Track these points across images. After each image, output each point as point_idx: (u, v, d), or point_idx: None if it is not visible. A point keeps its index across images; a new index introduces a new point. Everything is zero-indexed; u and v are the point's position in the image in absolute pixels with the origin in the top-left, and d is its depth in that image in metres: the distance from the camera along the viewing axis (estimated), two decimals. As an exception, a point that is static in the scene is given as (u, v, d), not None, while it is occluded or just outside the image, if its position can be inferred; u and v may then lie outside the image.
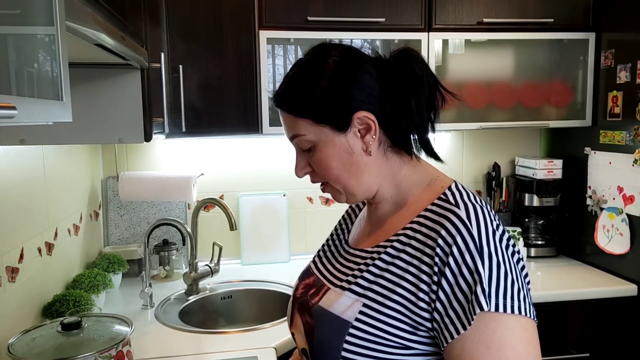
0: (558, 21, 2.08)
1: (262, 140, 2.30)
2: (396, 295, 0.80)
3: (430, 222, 0.82)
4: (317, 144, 0.88)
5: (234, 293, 2.02)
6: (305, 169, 0.92)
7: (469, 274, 0.75)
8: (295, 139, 0.90)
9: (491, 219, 0.81)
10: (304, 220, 2.38)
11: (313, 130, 0.87)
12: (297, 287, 1.02)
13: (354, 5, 1.95)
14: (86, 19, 0.81)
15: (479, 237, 0.77)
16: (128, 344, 1.19)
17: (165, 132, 1.69)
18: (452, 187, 0.87)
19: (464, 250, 0.76)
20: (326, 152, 0.88)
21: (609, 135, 2.06)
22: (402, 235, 0.85)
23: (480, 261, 0.75)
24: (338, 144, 0.88)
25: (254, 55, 1.93)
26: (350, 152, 0.88)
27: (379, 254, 0.86)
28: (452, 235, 0.78)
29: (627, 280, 1.98)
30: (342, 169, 0.89)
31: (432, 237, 0.80)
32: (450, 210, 0.81)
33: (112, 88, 1.33)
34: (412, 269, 0.80)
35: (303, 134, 0.88)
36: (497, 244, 0.78)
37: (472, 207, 0.81)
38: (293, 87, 0.89)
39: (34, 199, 1.50)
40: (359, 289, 0.85)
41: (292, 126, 0.89)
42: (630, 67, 1.94)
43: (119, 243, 2.22)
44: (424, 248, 0.80)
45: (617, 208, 2.01)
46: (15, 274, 1.34)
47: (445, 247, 0.78)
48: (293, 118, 0.88)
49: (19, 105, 0.53)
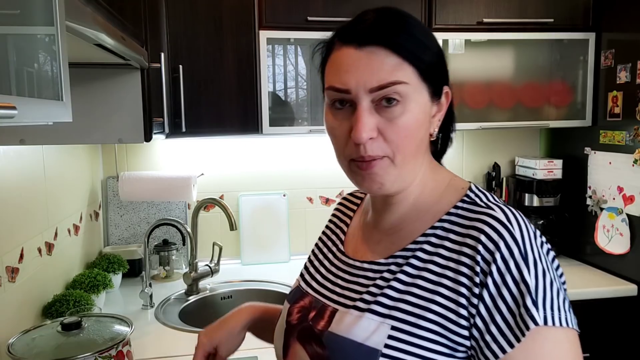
0: (558, 21, 2.08)
1: (262, 140, 2.30)
2: (430, 313, 0.69)
3: (459, 228, 0.73)
4: (410, 102, 0.71)
5: (234, 293, 2.02)
6: (373, 132, 0.71)
7: (514, 284, 0.66)
8: (388, 88, 0.70)
9: (528, 221, 0.72)
10: (304, 220, 2.38)
11: (414, 83, 0.72)
12: (290, 312, 0.86)
13: (354, 5, 1.95)
14: (86, 19, 0.81)
15: (522, 242, 0.68)
16: (128, 344, 1.19)
17: (165, 132, 1.69)
18: (472, 189, 0.79)
19: (507, 257, 0.67)
20: (417, 116, 0.72)
21: (609, 135, 2.06)
22: (426, 244, 0.74)
23: (526, 269, 0.67)
24: (427, 112, 0.75)
25: (254, 55, 1.93)
26: (427, 128, 0.76)
27: (400, 266, 0.75)
28: (494, 241, 0.68)
29: (627, 280, 1.98)
30: (419, 144, 0.75)
31: (469, 244, 0.70)
32: (485, 213, 0.71)
33: (112, 88, 1.33)
34: (446, 281, 0.70)
35: (405, 81, 0.70)
36: (539, 249, 0.70)
37: (508, 210, 0.72)
38: (406, 26, 0.73)
39: (34, 199, 1.50)
40: (383, 309, 0.72)
41: (393, 71, 0.70)
42: (630, 67, 1.94)
43: (119, 243, 2.22)
44: (459, 257, 0.70)
45: (617, 208, 2.01)
46: (15, 274, 1.34)
47: (487, 255, 0.68)
48: (398, 61, 0.71)
49: (19, 105, 0.53)
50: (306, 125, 2.00)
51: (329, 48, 0.77)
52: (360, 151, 0.72)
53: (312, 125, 2.00)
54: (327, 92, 0.75)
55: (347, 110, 0.73)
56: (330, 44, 0.77)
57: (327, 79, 0.76)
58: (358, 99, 0.71)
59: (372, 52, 0.71)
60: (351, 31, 0.74)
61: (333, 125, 0.75)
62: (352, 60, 0.71)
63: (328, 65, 0.77)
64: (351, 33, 0.73)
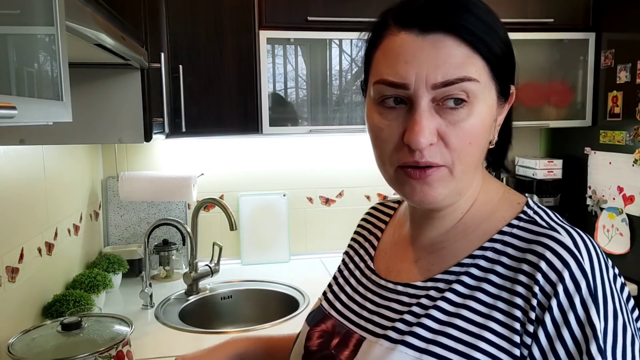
0: (558, 21, 2.08)
1: (262, 140, 2.30)
2: (476, 351, 0.58)
3: (514, 250, 0.62)
4: (477, 104, 0.60)
5: (234, 293, 2.02)
6: (433, 136, 0.59)
7: (577, 326, 0.55)
8: (455, 84, 0.59)
9: (600, 248, 0.61)
10: (304, 220, 2.38)
11: (484, 80, 0.61)
12: (309, 336, 0.75)
13: (354, 5, 1.95)
14: (86, 19, 0.81)
15: (592, 275, 0.57)
16: (128, 344, 1.19)
17: (165, 132, 1.69)
18: (530, 204, 0.67)
19: (572, 292, 0.56)
20: (484, 120, 0.61)
21: (609, 135, 2.06)
22: (473, 267, 0.63)
23: (594, 308, 0.56)
24: (493, 114, 0.64)
25: (254, 55, 1.93)
26: (491, 132, 0.65)
27: (441, 292, 0.63)
28: (558, 270, 0.57)
29: (627, 280, 1.98)
30: (481, 152, 0.64)
31: (525, 270, 0.59)
32: (546, 235, 0.60)
33: (112, 88, 1.33)
34: (497, 313, 0.59)
35: (475, 78, 0.59)
36: (612, 285, 0.59)
37: (576, 234, 0.60)
38: (477, 10, 0.61)
39: (34, 199, 1.50)
40: (419, 342, 0.61)
41: (462, 64, 0.59)
42: (630, 67, 1.94)
43: (119, 243, 2.22)
44: (512, 285, 0.59)
45: (617, 208, 2.01)
46: (15, 274, 1.34)
47: (547, 286, 0.57)
48: (468, 53, 0.59)
49: (19, 105, 0.53)
50: (306, 125, 2.00)
51: (380, 33, 0.64)
52: (416, 156, 0.60)
53: (312, 125, 1.99)
54: (377, 87, 0.63)
55: (400, 110, 0.61)
56: (381, 28, 0.64)
57: (378, 70, 0.63)
58: (417, 96, 0.59)
59: (438, 40, 0.59)
60: (411, 12, 0.60)
61: (380, 126, 0.63)
62: (414, 50, 0.59)
63: (379, 54, 0.64)
64: (411, 15, 0.60)
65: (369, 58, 0.66)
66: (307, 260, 2.31)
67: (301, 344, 0.76)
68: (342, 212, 2.38)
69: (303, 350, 0.74)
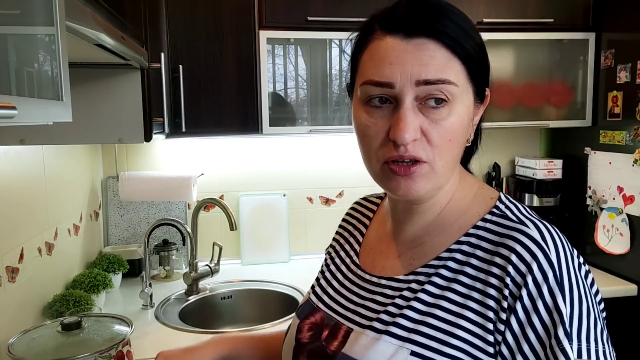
0: (558, 21, 2.08)
1: (262, 140, 2.30)
2: (454, 338, 0.63)
3: (487, 244, 0.66)
4: (456, 104, 0.65)
5: (234, 293, 2.02)
6: (417, 132, 0.64)
7: (545, 312, 0.60)
8: (436, 85, 0.63)
9: (565, 239, 0.66)
10: (304, 220, 2.38)
11: (462, 83, 0.65)
12: (299, 329, 0.79)
13: (354, 5, 1.95)
14: (86, 19, 0.81)
15: (558, 265, 0.62)
16: (128, 344, 1.19)
17: (165, 132, 1.69)
18: (502, 199, 0.71)
19: (540, 281, 0.61)
20: (462, 120, 0.66)
21: (609, 135, 2.06)
22: (450, 260, 0.68)
23: (560, 295, 0.60)
24: (470, 114, 0.68)
25: (254, 55, 1.93)
26: (467, 128, 0.69)
27: (421, 284, 0.68)
28: (527, 262, 0.62)
29: (627, 280, 1.98)
30: (460, 149, 0.69)
31: (498, 263, 0.64)
32: (516, 229, 0.65)
33: (112, 88, 1.33)
34: (472, 303, 0.64)
35: (455, 82, 0.64)
36: (577, 273, 0.63)
37: (543, 227, 0.65)
38: (456, 18, 0.65)
39: (34, 199, 1.50)
40: (402, 332, 0.66)
41: (442, 67, 0.63)
42: (630, 67, 1.94)
43: (119, 243, 2.22)
44: (486, 277, 0.64)
45: (617, 208, 2.01)
46: (15, 274, 1.34)
47: (517, 277, 0.62)
48: (448, 57, 0.64)
49: (19, 105, 0.53)
50: (306, 125, 2.00)
51: (367, 37, 0.68)
52: (401, 150, 0.64)
53: (312, 125, 1.99)
54: (363, 87, 0.67)
55: (386, 109, 0.65)
56: (368, 32, 0.68)
57: (364, 72, 0.67)
58: (402, 94, 0.63)
59: (421, 43, 0.63)
60: (396, 18, 0.65)
61: (367, 124, 0.67)
62: (399, 53, 0.63)
63: (365, 57, 0.68)
64: (396, 20, 0.64)
65: (355, 61, 0.71)
66: (307, 260, 2.31)
67: (292, 337, 0.79)
68: (342, 212, 2.35)
69: (294, 342, 0.78)
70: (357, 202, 0.94)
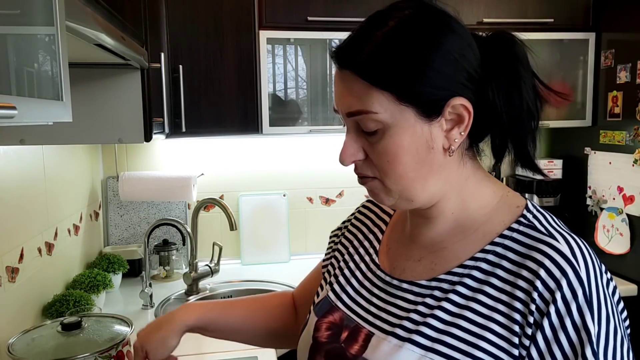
0: (558, 21, 2.08)
1: (262, 140, 2.30)
2: (478, 351, 0.62)
3: (515, 255, 0.65)
4: (389, 128, 0.65)
5: (234, 293, 2.02)
6: (357, 155, 0.68)
7: (573, 330, 0.59)
8: (359, 115, 0.65)
9: (594, 255, 0.65)
10: (304, 220, 2.38)
11: (391, 109, 0.64)
12: (317, 327, 0.78)
13: (354, 5, 1.95)
14: (86, 19, 0.81)
15: (588, 283, 0.61)
16: (128, 344, 1.18)
17: (165, 132, 1.69)
18: (530, 208, 0.70)
19: (570, 299, 0.59)
20: (400, 141, 0.65)
21: (609, 135, 2.06)
22: (475, 270, 0.66)
23: (589, 314, 0.59)
24: (419, 133, 0.65)
25: (254, 55, 1.93)
26: (429, 147, 0.66)
27: (445, 293, 0.67)
28: (556, 278, 0.60)
29: (627, 280, 1.98)
30: (411, 167, 0.66)
31: (525, 276, 0.62)
32: (545, 242, 0.63)
33: (112, 88, 1.33)
34: (498, 315, 0.63)
35: (375, 111, 0.64)
36: (605, 291, 0.62)
37: (573, 241, 0.64)
38: (375, 45, 0.64)
39: (34, 199, 1.50)
40: (425, 341, 0.65)
41: (361, 98, 0.64)
42: (630, 67, 1.94)
43: (119, 243, 2.22)
44: (512, 290, 0.63)
45: (617, 208, 2.01)
46: (15, 274, 1.34)
47: (545, 293, 0.60)
48: (366, 87, 0.64)
49: (19, 105, 0.53)
50: (306, 125, 2.00)
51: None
52: (354, 169, 0.71)
53: (312, 125, 1.99)
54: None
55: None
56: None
57: None
58: (345, 121, 0.69)
59: (345, 75, 0.66)
60: (336, 51, 0.68)
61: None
62: (336, 84, 0.69)
63: None
64: (335, 54, 0.68)
65: None
66: (307, 260, 2.31)
67: (309, 334, 0.78)
68: (342, 212, 2.37)
69: (312, 340, 0.77)
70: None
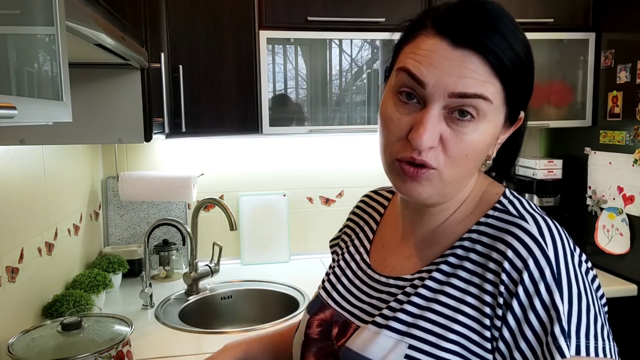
0: (558, 21, 2.08)
1: (262, 140, 2.30)
2: (451, 333, 0.63)
3: (487, 238, 0.66)
4: (483, 122, 0.63)
5: (234, 293, 2.02)
6: (434, 141, 0.63)
7: (542, 309, 0.60)
8: (472, 99, 0.62)
9: (565, 235, 0.65)
10: (304, 220, 2.38)
11: (496, 103, 0.64)
12: (309, 324, 0.80)
13: (354, 5, 1.95)
14: (86, 19, 0.81)
15: (556, 261, 0.61)
16: (128, 344, 1.19)
17: (165, 132, 1.69)
18: (506, 194, 0.71)
19: (537, 278, 0.60)
20: (484, 137, 0.64)
21: (609, 135, 2.06)
22: (451, 256, 0.68)
23: (557, 292, 0.59)
24: (494, 135, 0.66)
25: (254, 55, 1.93)
26: (489, 149, 0.68)
27: (422, 280, 0.68)
28: (523, 258, 0.61)
29: (627, 280, 1.98)
30: (475, 165, 0.67)
31: (494, 258, 0.63)
32: (514, 224, 0.64)
33: (112, 88, 1.33)
34: (470, 298, 0.64)
35: (491, 100, 0.62)
36: (576, 269, 0.62)
37: (542, 221, 0.64)
38: (509, 35, 0.63)
39: (34, 199, 1.50)
40: (401, 326, 0.66)
41: (484, 83, 0.62)
42: (630, 67, 1.94)
43: (119, 243, 2.22)
44: (483, 272, 0.64)
45: (617, 208, 2.01)
46: (15, 274, 1.34)
47: (513, 273, 0.61)
48: (490, 74, 0.62)
49: (19, 105, 0.53)
50: (306, 125, 2.00)
51: (417, 29, 0.67)
52: (414, 154, 0.63)
53: (312, 125, 1.99)
54: (399, 74, 0.65)
55: (412, 107, 0.65)
56: (419, 25, 0.67)
57: (404, 60, 0.66)
58: (432, 99, 0.62)
59: (465, 56, 0.61)
60: (448, 21, 0.63)
61: (391, 116, 0.66)
62: (440, 58, 0.62)
63: (409, 47, 0.66)
64: (448, 24, 0.63)
65: (399, 48, 0.69)
66: (307, 260, 2.31)
67: (301, 332, 0.80)
68: (342, 212, 2.38)
69: (303, 337, 0.79)
70: (368, 196, 0.92)
